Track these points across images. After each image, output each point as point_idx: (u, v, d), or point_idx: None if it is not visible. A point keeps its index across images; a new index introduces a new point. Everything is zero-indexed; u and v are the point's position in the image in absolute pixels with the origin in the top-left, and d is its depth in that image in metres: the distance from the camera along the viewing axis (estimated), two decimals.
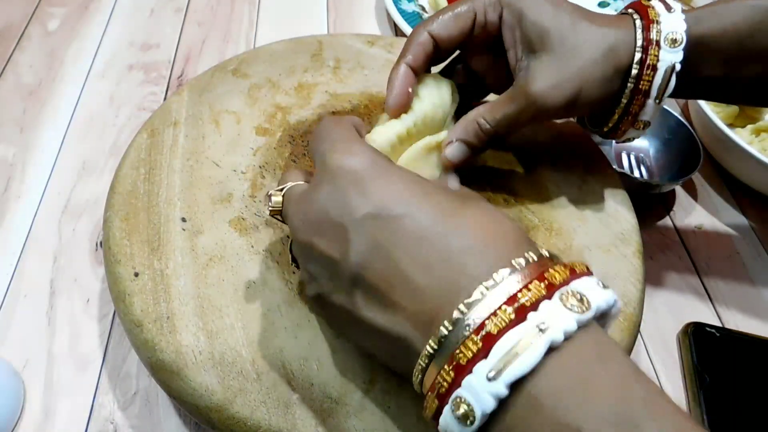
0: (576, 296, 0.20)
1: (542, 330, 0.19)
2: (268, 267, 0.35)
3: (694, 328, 0.43)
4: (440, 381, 0.20)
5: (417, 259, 0.23)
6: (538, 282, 0.20)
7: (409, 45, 0.35)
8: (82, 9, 0.65)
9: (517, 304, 0.20)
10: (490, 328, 0.20)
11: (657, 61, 0.32)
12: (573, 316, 0.20)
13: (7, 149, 0.51)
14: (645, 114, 0.34)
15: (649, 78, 0.33)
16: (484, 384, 0.19)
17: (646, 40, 0.32)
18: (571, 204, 0.40)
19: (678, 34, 0.32)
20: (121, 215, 0.36)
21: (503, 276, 0.21)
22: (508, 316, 0.20)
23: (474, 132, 0.35)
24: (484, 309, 0.20)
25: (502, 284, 0.21)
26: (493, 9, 0.34)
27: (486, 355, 0.19)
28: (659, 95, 0.33)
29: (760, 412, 0.40)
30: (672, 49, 0.32)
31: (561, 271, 0.21)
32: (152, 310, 0.32)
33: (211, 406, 0.29)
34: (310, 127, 0.42)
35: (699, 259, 0.49)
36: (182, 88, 0.44)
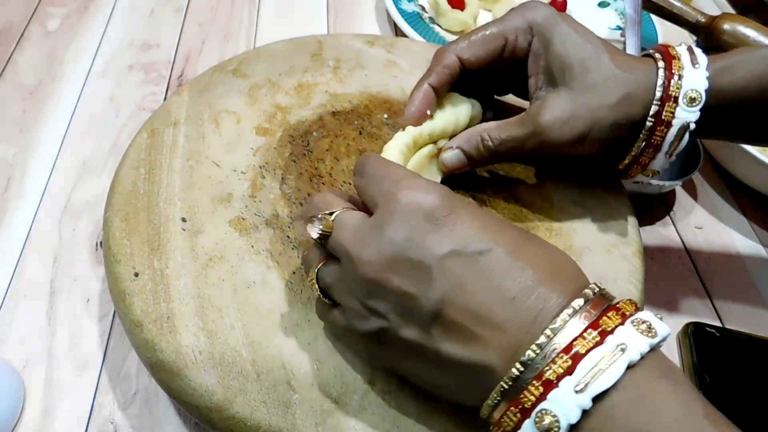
0: (645, 324, 0.23)
1: (622, 350, 0.22)
2: (268, 267, 0.35)
3: (694, 328, 0.43)
4: (526, 396, 0.22)
5: (500, 293, 0.24)
6: (615, 312, 0.23)
7: (435, 65, 0.36)
8: (82, 9, 0.65)
9: (600, 328, 0.22)
10: (579, 349, 0.22)
11: (672, 118, 0.32)
12: (645, 339, 0.22)
13: (7, 149, 0.51)
14: (655, 165, 0.35)
15: (662, 134, 0.33)
16: (572, 396, 0.21)
17: (665, 94, 0.32)
18: (571, 204, 0.40)
19: (698, 93, 0.32)
20: (121, 215, 0.36)
21: (580, 304, 0.23)
22: (593, 338, 0.22)
23: (475, 144, 0.36)
24: (569, 333, 0.22)
25: (582, 312, 0.23)
26: (523, 35, 0.35)
27: (571, 373, 0.22)
28: (671, 150, 0.34)
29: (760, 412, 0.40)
30: (689, 108, 0.32)
31: (629, 304, 0.24)
32: (152, 310, 0.32)
33: (211, 406, 0.29)
34: (310, 127, 0.42)
35: (699, 259, 0.49)
36: (182, 88, 0.44)
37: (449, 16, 0.64)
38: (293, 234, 0.36)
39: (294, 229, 0.36)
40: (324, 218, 0.27)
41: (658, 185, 0.50)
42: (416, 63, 0.48)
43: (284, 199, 0.38)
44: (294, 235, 0.36)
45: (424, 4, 0.67)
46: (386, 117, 0.44)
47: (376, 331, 0.26)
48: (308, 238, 0.28)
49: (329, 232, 0.27)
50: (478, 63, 0.35)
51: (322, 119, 0.43)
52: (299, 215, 0.32)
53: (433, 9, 0.66)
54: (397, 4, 0.65)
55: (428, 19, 0.65)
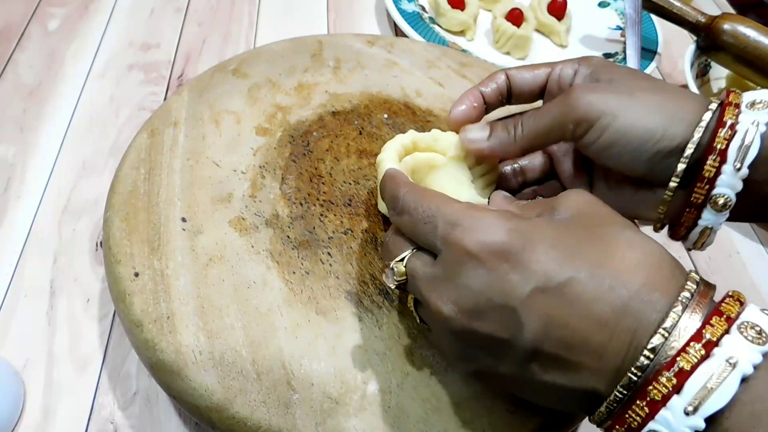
0: (754, 328, 0.21)
1: (732, 364, 0.20)
2: (268, 267, 0.35)
3: None
4: (632, 416, 0.22)
5: (592, 320, 0.23)
6: (718, 317, 0.22)
7: (485, 79, 0.35)
8: (82, 9, 0.65)
9: (704, 340, 0.21)
10: (683, 365, 0.21)
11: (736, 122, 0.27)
12: (756, 348, 0.21)
13: (7, 149, 0.51)
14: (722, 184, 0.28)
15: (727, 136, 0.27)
16: (682, 418, 0.20)
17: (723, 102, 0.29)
18: None
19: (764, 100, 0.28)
20: (121, 215, 0.36)
21: (678, 314, 0.22)
22: (698, 352, 0.21)
23: (509, 123, 0.32)
24: (671, 350, 0.21)
25: (681, 323, 0.22)
26: (570, 65, 0.33)
27: (678, 391, 0.21)
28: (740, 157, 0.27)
29: None
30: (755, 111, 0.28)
31: (732, 303, 0.22)
32: (152, 310, 0.32)
33: (211, 406, 0.29)
34: (310, 127, 0.42)
35: (699, 259, 0.49)
36: (182, 88, 0.44)
37: (449, 16, 0.64)
38: (293, 234, 0.36)
39: (294, 229, 0.36)
40: (396, 267, 0.27)
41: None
42: (416, 63, 0.48)
43: (284, 199, 0.38)
44: (294, 235, 0.36)
45: (424, 4, 0.67)
46: (386, 117, 0.44)
47: (475, 372, 0.27)
48: None
49: (404, 280, 0.27)
50: (524, 82, 0.34)
51: (322, 119, 0.43)
52: None
53: (433, 9, 0.66)
54: (397, 4, 0.65)
55: (428, 19, 0.65)
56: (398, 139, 0.35)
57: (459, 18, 0.64)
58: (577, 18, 0.68)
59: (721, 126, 0.28)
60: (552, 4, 0.65)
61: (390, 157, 0.33)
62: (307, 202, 0.38)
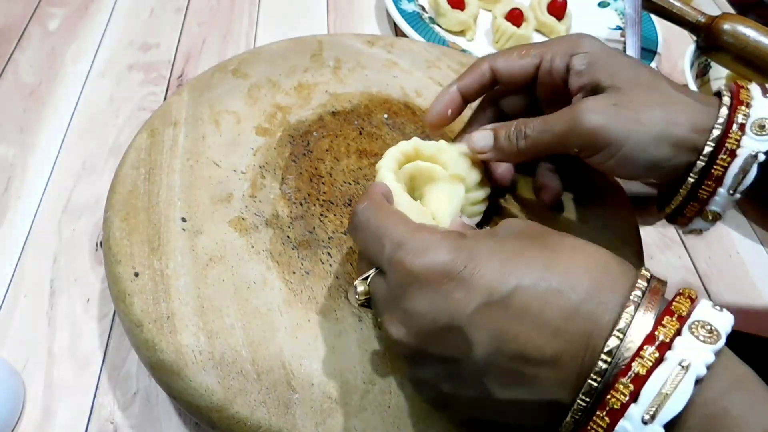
0: (705, 327, 0.21)
1: (685, 367, 0.20)
2: (268, 267, 0.35)
3: None
4: (594, 428, 0.21)
5: (544, 328, 0.22)
6: (670, 317, 0.21)
7: (466, 72, 0.34)
8: (82, 9, 0.65)
9: (657, 342, 0.21)
10: (638, 370, 0.20)
11: (737, 147, 0.28)
12: (709, 348, 0.20)
13: (7, 149, 0.51)
14: (716, 204, 0.30)
15: (725, 164, 0.29)
16: (640, 427, 0.20)
17: (729, 119, 0.29)
18: (571, 204, 0.40)
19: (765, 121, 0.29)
20: (121, 215, 0.36)
21: (630, 314, 0.21)
22: (652, 355, 0.20)
23: (512, 131, 0.32)
24: (627, 352, 0.21)
25: (635, 324, 0.21)
26: (562, 57, 0.32)
27: (636, 398, 0.20)
28: (735, 185, 0.29)
29: None
30: (758, 136, 0.28)
31: (683, 300, 0.22)
32: (152, 310, 0.32)
33: (211, 406, 0.29)
34: (310, 127, 0.42)
35: (699, 259, 0.49)
36: (182, 88, 0.44)
37: (449, 16, 0.64)
38: (293, 234, 0.36)
39: (294, 229, 0.36)
40: (359, 284, 0.26)
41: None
42: (416, 63, 0.48)
43: (284, 199, 0.38)
44: (294, 235, 0.36)
45: (424, 4, 0.67)
46: (386, 117, 0.44)
47: (435, 397, 0.26)
48: None
49: (366, 299, 0.27)
50: (510, 76, 0.33)
51: (322, 119, 0.43)
52: None
53: (433, 9, 0.66)
54: (397, 4, 0.65)
55: (428, 19, 0.65)
56: (400, 146, 0.34)
57: (459, 18, 0.63)
58: (577, 18, 0.68)
59: (721, 150, 0.29)
60: (552, 4, 0.65)
61: (388, 165, 0.33)
62: (307, 202, 0.38)
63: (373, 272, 0.26)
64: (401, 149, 0.34)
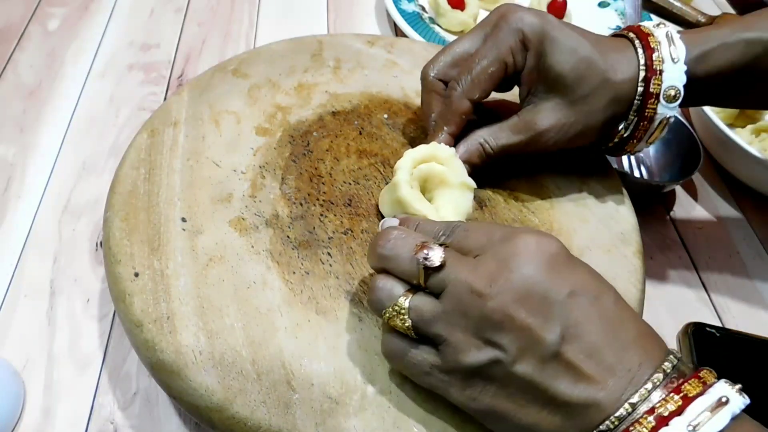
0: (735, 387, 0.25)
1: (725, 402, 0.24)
2: (268, 267, 0.35)
3: (694, 328, 0.43)
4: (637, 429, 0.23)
5: (612, 337, 0.25)
6: (708, 371, 0.25)
7: (452, 115, 0.37)
8: (82, 9, 0.65)
9: (702, 379, 0.24)
10: (687, 392, 0.24)
11: (654, 114, 0.36)
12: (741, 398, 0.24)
13: (7, 149, 0.51)
14: (637, 148, 0.39)
15: (645, 128, 0.37)
16: None
17: (646, 92, 0.35)
18: (571, 204, 0.40)
19: (677, 90, 0.35)
20: (121, 215, 0.36)
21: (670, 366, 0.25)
22: (698, 385, 0.24)
23: (477, 153, 0.38)
24: (657, 395, 0.24)
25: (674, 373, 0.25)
26: (520, 54, 0.36)
27: (680, 413, 0.23)
28: (651, 140, 0.38)
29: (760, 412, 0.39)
30: (669, 105, 0.35)
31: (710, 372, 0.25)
32: (152, 310, 0.32)
33: (211, 406, 0.29)
34: (310, 127, 0.42)
35: (699, 259, 0.49)
36: (182, 88, 0.44)
37: (449, 16, 0.64)
38: (293, 234, 0.36)
39: (294, 229, 0.36)
40: (438, 249, 0.27)
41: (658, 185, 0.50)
42: (416, 63, 0.48)
43: (284, 199, 0.38)
44: (294, 235, 0.36)
45: (424, 4, 0.67)
46: (386, 117, 0.44)
47: (487, 364, 0.26)
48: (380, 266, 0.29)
49: (444, 263, 0.27)
50: (486, 96, 0.37)
51: (322, 119, 0.43)
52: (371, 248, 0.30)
53: (433, 9, 0.66)
54: (397, 4, 0.65)
55: (428, 19, 0.65)
56: (420, 149, 0.36)
57: (459, 18, 0.63)
58: (577, 18, 0.68)
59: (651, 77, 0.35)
60: (552, 4, 0.65)
61: (406, 165, 0.35)
62: (307, 202, 0.38)
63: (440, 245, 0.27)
64: (421, 152, 0.36)
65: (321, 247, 0.36)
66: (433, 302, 0.27)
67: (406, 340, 0.28)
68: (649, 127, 0.37)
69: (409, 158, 0.36)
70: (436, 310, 0.27)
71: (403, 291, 0.28)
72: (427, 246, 0.27)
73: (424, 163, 0.36)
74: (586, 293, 0.26)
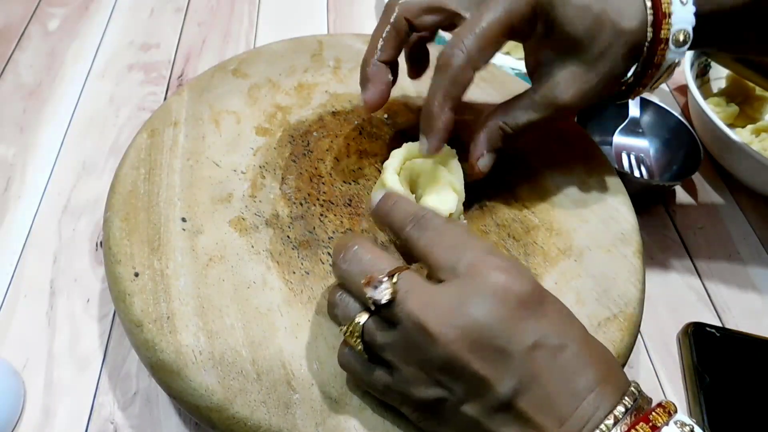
0: (687, 426, 0.23)
1: None
2: (268, 267, 0.35)
3: (694, 328, 0.43)
4: None
5: (568, 388, 0.24)
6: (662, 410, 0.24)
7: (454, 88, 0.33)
8: (82, 9, 0.65)
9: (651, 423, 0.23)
10: None
11: (663, 60, 0.34)
12: None
13: (7, 149, 0.51)
14: (642, 93, 0.38)
15: (653, 75, 0.35)
16: None
17: (656, 38, 0.33)
18: (571, 204, 0.40)
19: (686, 33, 0.33)
20: (121, 215, 0.36)
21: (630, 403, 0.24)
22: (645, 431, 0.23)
23: (498, 138, 0.36)
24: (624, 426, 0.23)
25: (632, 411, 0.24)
26: (529, 24, 0.34)
27: None
28: (657, 84, 0.37)
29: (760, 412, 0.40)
30: (678, 49, 0.34)
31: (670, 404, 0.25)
32: (152, 310, 0.32)
33: (211, 406, 0.29)
34: (310, 127, 0.42)
35: (699, 259, 0.49)
36: (182, 88, 0.44)
37: None
38: (293, 234, 0.36)
39: (294, 229, 0.36)
40: (387, 281, 0.25)
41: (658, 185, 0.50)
42: None
43: (284, 199, 0.38)
44: (294, 235, 0.36)
45: None
46: (386, 117, 0.44)
47: (434, 400, 0.26)
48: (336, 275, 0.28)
49: (393, 298, 0.25)
50: (428, 24, 0.35)
51: (322, 119, 0.43)
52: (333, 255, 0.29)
53: None
54: None
55: None
56: (410, 146, 0.36)
57: None
58: None
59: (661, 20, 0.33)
60: None
61: (393, 165, 0.35)
62: (307, 202, 0.38)
63: (401, 271, 0.26)
64: (409, 149, 0.36)
65: (321, 247, 0.36)
66: (385, 330, 0.26)
67: (361, 360, 0.28)
68: (655, 74, 0.35)
69: (405, 149, 0.36)
70: (388, 338, 0.26)
71: (359, 310, 0.27)
72: (374, 280, 0.25)
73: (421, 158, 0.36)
74: (549, 344, 0.24)
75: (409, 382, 0.26)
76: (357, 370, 0.28)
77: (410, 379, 0.26)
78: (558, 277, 0.36)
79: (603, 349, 0.27)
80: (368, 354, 0.27)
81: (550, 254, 0.37)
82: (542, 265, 0.37)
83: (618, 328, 0.34)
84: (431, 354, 0.24)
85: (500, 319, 0.24)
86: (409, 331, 0.25)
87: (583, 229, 0.39)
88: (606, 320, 0.34)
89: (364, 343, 0.27)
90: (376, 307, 0.26)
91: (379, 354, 0.27)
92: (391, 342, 0.26)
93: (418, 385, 0.26)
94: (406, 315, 0.25)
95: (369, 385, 0.28)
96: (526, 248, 0.37)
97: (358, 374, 0.28)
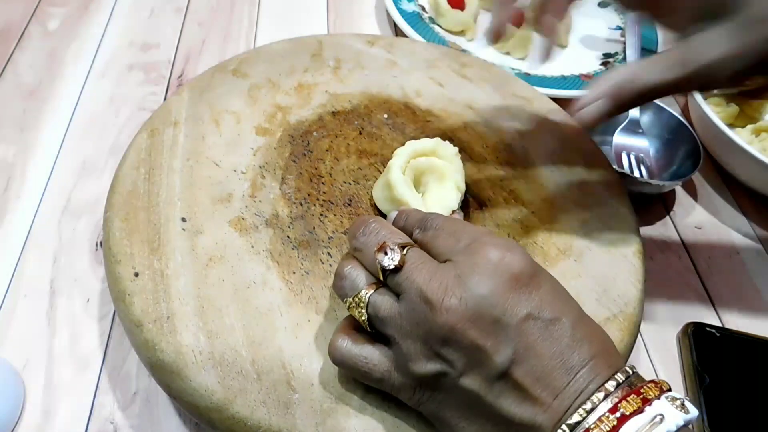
0: (678, 400, 0.24)
1: (661, 419, 0.23)
2: (268, 267, 0.35)
3: (694, 328, 0.43)
4: None
5: (563, 361, 0.25)
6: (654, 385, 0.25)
7: None
8: (82, 9, 0.65)
9: (641, 395, 0.24)
10: (624, 410, 0.23)
11: None
12: (680, 414, 0.23)
13: (7, 149, 0.51)
14: None
15: None
16: None
17: None
18: (571, 204, 0.40)
19: None
20: (121, 215, 0.36)
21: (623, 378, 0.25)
22: (636, 402, 0.23)
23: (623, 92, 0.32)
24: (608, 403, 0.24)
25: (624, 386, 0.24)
26: None
27: None
28: None
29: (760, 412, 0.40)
30: None
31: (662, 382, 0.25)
32: (152, 310, 0.32)
33: (211, 406, 0.29)
34: (310, 127, 0.42)
35: (699, 259, 0.49)
36: (182, 88, 0.44)
37: (449, 16, 0.63)
38: (293, 234, 0.36)
39: (294, 229, 0.36)
40: (397, 251, 0.27)
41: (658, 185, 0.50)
42: (416, 63, 0.48)
43: (284, 199, 0.38)
44: (294, 235, 0.36)
45: (424, 4, 0.67)
46: (386, 117, 0.44)
47: (434, 375, 0.26)
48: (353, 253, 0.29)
49: (401, 266, 0.27)
50: None
51: (322, 119, 0.43)
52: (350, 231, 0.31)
53: (433, 9, 0.66)
54: (397, 4, 0.65)
55: (428, 19, 0.65)
56: (423, 141, 0.37)
57: (459, 18, 0.63)
58: (577, 17, 0.68)
59: None
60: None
61: (404, 152, 0.36)
62: (307, 202, 0.38)
63: (411, 246, 0.28)
64: (423, 144, 0.37)
65: (321, 247, 0.36)
66: (391, 302, 0.27)
67: (357, 345, 0.29)
68: None
69: (410, 148, 0.37)
70: (392, 311, 0.27)
71: (367, 283, 0.28)
72: (386, 247, 0.27)
73: (424, 156, 0.36)
74: (542, 317, 0.25)
75: (408, 358, 0.27)
76: (352, 359, 0.29)
77: (411, 354, 0.26)
78: (558, 277, 0.36)
79: (597, 328, 0.27)
80: (371, 328, 0.28)
81: (550, 254, 0.37)
82: (542, 265, 0.36)
83: (618, 328, 0.34)
84: (432, 324, 0.25)
85: (496, 291, 0.25)
86: (412, 300, 0.26)
87: (583, 229, 0.39)
88: (606, 320, 0.34)
89: (368, 315, 0.28)
90: (384, 274, 0.27)
91: (380, 328, 0.28)
92: (395, 313, 0.27)
93: (418, 359, 0.26)
94: (410, 284, 0.26)
95: (365, 374, 0.29)
96: (526, 248, 0.37)
97: (353, 363, 0.29)
